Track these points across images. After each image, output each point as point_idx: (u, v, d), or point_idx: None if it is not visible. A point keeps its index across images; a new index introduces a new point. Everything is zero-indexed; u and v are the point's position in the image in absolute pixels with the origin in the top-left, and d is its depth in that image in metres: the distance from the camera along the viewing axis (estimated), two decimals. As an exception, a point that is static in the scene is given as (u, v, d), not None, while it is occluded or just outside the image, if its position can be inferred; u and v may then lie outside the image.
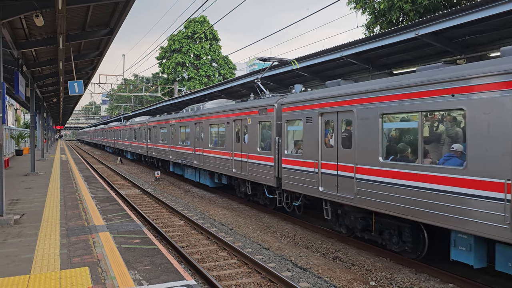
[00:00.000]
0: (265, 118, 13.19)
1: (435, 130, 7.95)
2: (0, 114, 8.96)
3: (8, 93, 24.98)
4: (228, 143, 15.78)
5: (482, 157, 6.59)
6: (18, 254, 6.81)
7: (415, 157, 7.99)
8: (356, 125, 9.26)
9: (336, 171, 9.93)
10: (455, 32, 10.88)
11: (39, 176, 18.33)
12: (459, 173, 6.95)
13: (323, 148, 10.49)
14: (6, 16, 8.94)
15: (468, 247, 7.15)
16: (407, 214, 7.96)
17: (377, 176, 8.66)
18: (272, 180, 12.67)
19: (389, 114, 8.57)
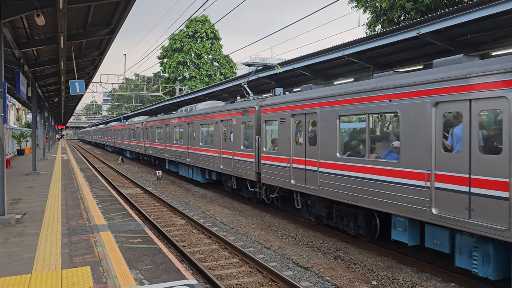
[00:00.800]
0: (247, 119, 14.50)
1: (379, 130, 9.41)
2: (2, 114, 8.96)
3: (10, 93, 25.02)
4: (217, 142, 17.08)
5: (410, 152, 7.95)
6: (20, 254, 6.81)
7: (364, 153, 9.30)
8: (320, 125, 10.60)
9: (304, 166, 11.23)
10: (456, 30, 10.85)
11: (41, 175, 18.34)
12: (395, 165, 8.31)
13: (294, 146, 11.74)
14: (7, 16, 8.93)
15: (404, 228, 8.44)
16: (359, 202, 9.24)
17: (335, 169, 9.99)
18: (253, 175, 13.93)
19: (345, 115, 9.94)
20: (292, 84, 19.54)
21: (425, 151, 7.59)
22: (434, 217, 7.41)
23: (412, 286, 7.71)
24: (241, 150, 14.90)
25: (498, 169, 6.37)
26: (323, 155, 10.43)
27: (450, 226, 7.18)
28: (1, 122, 9.01)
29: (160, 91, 47.71)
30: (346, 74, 16.37)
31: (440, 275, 8.06)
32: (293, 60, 16.38)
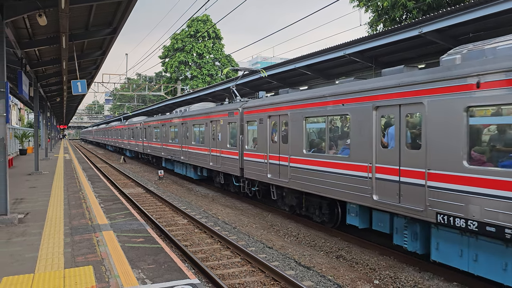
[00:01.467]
0: (232, 119, 15.89)
1: (336, 129, 10.89)
2: (4, 114, 8.99)
3: (12, 93, 25.08)
4: (207, 141, 18.50)
5: (357, 148, 9.39)
6: (23, 253, 6.83)
7: (325, 149, 10.79)
8: (290, 126, 11.94)
9: (279, 161, 12.61)
10: (458, 29, 10.83)
11: (43, 175, 18.38)
12: (347, 160, 9.75)
13: (270, 144, 13.13)
14: (9, 16, 8.96)
15: (356, 213, 9.91)
16: (322, 192, 10.67)
17: (302, 164, 11.43)
18: (237, 170, 15.36)
19: (310, 117, 11.28)
20: (294, 83, 19.54)
21: (368, 148, 9.06)
22: (375, 202, 8.89)
23: (414, 285, 7.70)
24: (227, 148, 16.30)
25: (419, 162, 7.83)
26: (293, 151, 11.90)
27: (386, 209, 8.65)
28: (4, 122, 9.03)
29: (162, 91, 47.74)
30: (348, 73, 16.37)
31: (443, 274, 8.05)
32: (294, 59, 16.38)
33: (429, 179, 7.61)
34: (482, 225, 6.67)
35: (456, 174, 7.14)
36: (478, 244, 7.09)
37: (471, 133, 7.01)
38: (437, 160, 7.49)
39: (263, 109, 13.53)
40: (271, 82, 19.73)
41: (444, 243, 7.70)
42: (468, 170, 6.92)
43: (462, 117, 7.01)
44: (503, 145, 6.77)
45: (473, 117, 6.99)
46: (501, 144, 6.82)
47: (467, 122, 7.00)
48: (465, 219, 6.95)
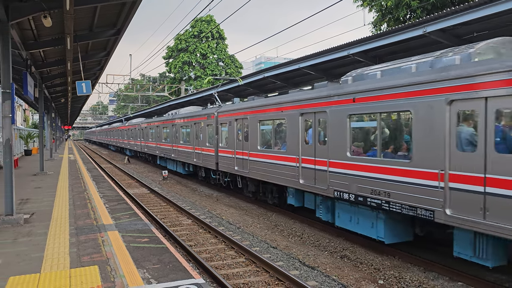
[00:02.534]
0: (210, 122, 18.58)
1: (279, 130, 13.27)
2: (10, 115, 9.05)
3: (17, 94, 25.18)
4: (191, 140, 21.32)
5: (291, 145, 12.12)
6: (29, 253, 6.88)
7: (272, 146, 13.49)
8: (249, 127, 14.68)
9: (242, 156, 15.24)
10: (463, 28, 10.79)
11: (48, 175, 18.48)
12: (284, 153, 12.44)
13: (237, 142, 15.74)
14: (14, 17, 9.01)
15: (292, 195, 12.71)
16: (271, 180, 13.30)
17: (258, 158, 14.15)
18: (214, 165, 18.08)
19: (262, 120, 14.01)
20: (298, 84, 19.54)
21: (297, 144, 11.78)
22: (300, 185, 11.62)
23: (419, 285, 7.69)
24: (207, 146, 19.07)
25: (324, 153, 10.58)
26: (251, 148, 14.59)
27: (308, 190, 11.39)
28: (9, 123, 9.09)
29: (165, 91, 47.85)
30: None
31: (447, 274, 8.04)
32: (298, 59, 16.38)
33: (329, 166, 10.39)
34: (357, 197, 9.45)
35: (343, 162, 10.01)
36: (359, 211, 9.85)
37: (352, 133, 9.85)
38: (333, 152, 10.27)
39: (231, 113, 16.38)
40: (275, 82, 19.73)
41: (342, 212, 10.48)
42: (350, 159, 9.74)
43: (346, 122, 9.81)
44: (368, 140, 9.77)
45: (352, 122, 9.83)
46: (367, 140, 9.85)
47: (349, 126, 9.82)
48: (348, 193, 9.74)
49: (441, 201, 7.38)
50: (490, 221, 6.55)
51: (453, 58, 7.78)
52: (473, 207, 6.86)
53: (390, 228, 9.14)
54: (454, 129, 7.23)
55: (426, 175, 7.69)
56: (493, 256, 7.08)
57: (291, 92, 13.54)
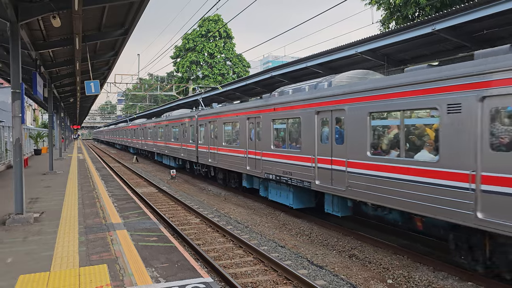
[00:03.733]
0: (192, 123, 22.65)
1: (235, 131, 16.69)
2: (20, 114, 9.12)
3: (27, 94, 25.41)
4: (180, 138, 25.43)
5: (241, 141, 15.61)
6: (39, 252, 6.93)
7: (234, 142, 16.88)
8: (218, 128, 18.47)
9: (215, 151, 18.86)
10: (472, 26, 10.70)
11: (58, 175, 18.62)
12: (237, 147, 16.18)
13: (210, 139, 19.52)
14: (24, 18, 9.08)
15: (246, 179, 16.35)
16: (233, 169, 16.81)
17: (223, 152, 17.83)
18: (195, 158, 22.07)
19: (226, 122, 17.63)
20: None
21: (244, 140, 15.45)
22: (247, 171, 15.31)
23: (428, 285, 7.63)
24: (189, 143, 23.13)
25: (259, 147, 14.30)
26: (219, 144, 18.29)
27: (252, 174, 15.05)
28: (19, 123, 9.16)
29: (173, 91, 47.96)
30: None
31: (457, 274, 7.97)
32: (306, 58, 16.35)
33: (262, 156, 14.08)
34: (276, 176, 13.21)
35: (269, 152, 13.78)
36: (280, 187, 13.57)
37: (275, 132, 13.58)
38: (264, 146, 13.92)
39: (206, 116, 20.31)
40: (283, 81, 19.70)
41: (271, 189, 14.21)
42: (272, 150, 13.49)
43: (271, 124, 13.55)
44: (281, 137, 13.38)
45: (274, 124, 13.48)
46: (282, 137, 13.33)
47: (273, 127, 13.53)
48: (272, 175, 13.45)
49: (312, 175, 11.39)
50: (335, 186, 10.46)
51: (323, 84, 11.48)
52: (326, 179, 10.84)
53: (297, 197, 12.88)
54: (320, 130, 11.16)
55: (306, 159, 11.66)
56: (342, 210, 11.02)
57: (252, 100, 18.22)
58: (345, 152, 10.00)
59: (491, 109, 6.73)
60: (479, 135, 6.87)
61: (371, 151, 9.32)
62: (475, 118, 6.93)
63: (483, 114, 6.82)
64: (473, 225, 6.98)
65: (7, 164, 21.44)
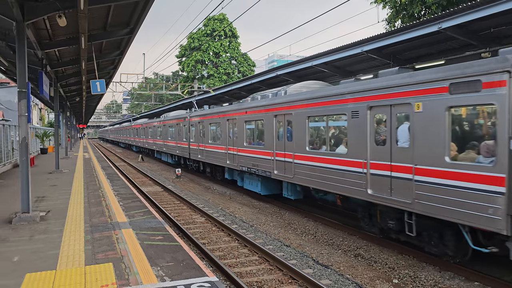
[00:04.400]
0: (185, 123, 25.75)
1: (218, 130, 19.50)
2: (26, 113, 9.16)
3: (33, 93, 25.57)
4: (175, 137, 28.44)
5: (220, 139, 18.69)
6: (45, 250, 6.96)
7: (215, 139, 19.68)
8: (205, 127, 21.26)
9: (203, 148, 21.62)
10: (479, 24, 10.61)
11: (64, 174, 18.71)
12: (220, 144, 18.80)
13: (198, 137, 22.49)
14: (30, 17, 9.12)
15: (227, 172, 18.96)
16: (216, 163, 19.59)
17: (208, 148, 20.55)
18: (187, 154, 24.91)
19: (212, 123, 20.35)
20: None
21: (225, 139, 18.09)
22: (227, 164, 17.98)
23: (434, 285, 7.59)
24: (183, 141, 26.03)
25: (231, 143, 17.51)
26: (206, 142, 21.02)
27: (231, 167, 17.76)
28: (26, 122, 9.21)
29: (179, 90, 48.04)
30: (366, 70, 16.20)
31: (464, 274, 7.92)
32: (311, 57, 16.30)
33: (238, 151, 16.75)
34: (248, 168, 15.72)
35: (242, 148, 16.37)
36: (251, 177, 16.23)
37: (247, 131, 16.22)
38: (239, 142, 16.62)
39: (196, 118, 23.13)
40: (288, 80, 19.66)
41: (246, 179, 16.90)
42: (245, 146, 16.08)
43: (244, 125, 16.21)
44: (251, 136, 16.18)
45: (247, 125, 16.19)
46: (251, 135, 16.13)
47: (245, 127, 16.27)
48: (245, 167, 16.01)
49: (272, 167, 13.95)
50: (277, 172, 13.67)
51: (281, 92, 13.89)
52: (281, 169, 13.44)
53: (264, 186, 15.49)
54: (277, 130, 13.81)
55: (268, 153, 14.24)
56: (294, 194, 13.74)
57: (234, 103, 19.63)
58: (293, 147, 12.71)
59: (374, 116, 9.35)
60: (368, 134, 9.40)
61: (309, 146, 12.01)
62: (366, 122, 9.46)
63: (370, 119, 9.42)
64: (365, 198, 9.56)
65: (14, 163, 21.57)
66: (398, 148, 8.62)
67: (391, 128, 8.83)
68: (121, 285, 5.40)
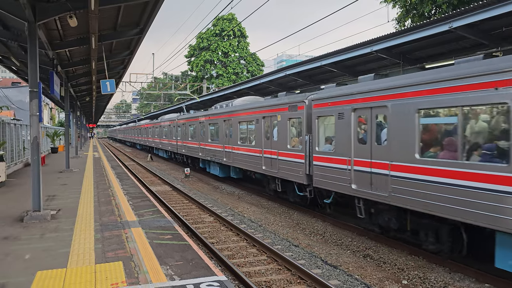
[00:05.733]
0: (175, 124, 31.20)
1: (196, 129, 24.73)
2: (37, 113, 9.26)
3: (44, 93, 25.81)
4: (169, 136, 33.90)
5: (197, 137, 24.75)
6: (55, 248, 7.03)
7: (193, 138, 25.49)
8: (186, 128, 27.23)
9: (186, 144, 27.19)
10: (491, 23, 10.49)
11: (74, 173, 18.87)
12: (193, 140, 25.95)
13: (183, 136, 27.64)
14: (41, 18, 9.22)
15: (201, 162, 24.68)
16: (194, 155, 25.55)
17: (189, 144, 26.62)
18: (176, 150, 30.82)
19: (191, 124, 26.41)
20: (320, 81, 19.39)
21: (199, 136, 24.15)
22: (199, 156, 24.08)
23: (444, 286, 7.53)
24: (172, 139, 31.97)
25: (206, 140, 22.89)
26: (186, 139, 26.50)
27: (203, 158, 23.56)
28: (37, 121, 9.31)
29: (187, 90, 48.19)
30: (375, 70, 16.11)
31: (474, 275, 7.84)
32: (320, 57, 16.24)
33: (204, 145, 22.84)
34: (211, 157, 21.68)
35: (207, 143, 22.38)
36: (214, 164, 21.67)
37: (211, 131, 22.08)
38: (205, 139, 22.25)
39: (181, 120, 29.09)
40: (297, 80, 19.63)
41: (211, 166, 22.11)
42: (209, 142, 22.20)
43: (208, 126, 22.35)
44: (215, 134, 21.36)
45: (210, 126, 22.13)
46: (215, 133, 21.41)
47: (209, 128, 22.11)
48: (209, 157, 21.81)
49: (222, 155, 19.35)
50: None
51: (229, 103, 18.23)
52: (228, 157, 18.99)
53: (221, 170, 20.87)
54: (226, 130, 19.47)
55: (221, 146, 19.80)
56: (237, 174, 19.56)
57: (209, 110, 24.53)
58: (233, 142, 18.48)
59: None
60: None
61: (240, 141, 17.86)
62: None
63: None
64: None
65: (25, 162, 21.81)
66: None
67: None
68: (131, 284, 5.44)
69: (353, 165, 10.25)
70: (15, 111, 34.24)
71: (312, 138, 12.22)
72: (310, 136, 12.35)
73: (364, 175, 9.84)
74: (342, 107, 10.73)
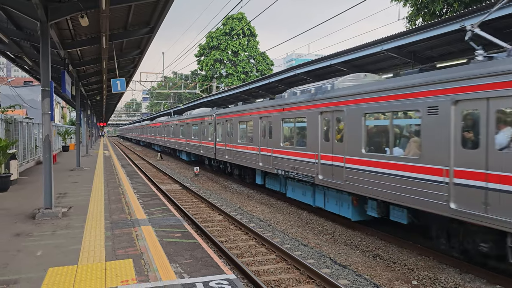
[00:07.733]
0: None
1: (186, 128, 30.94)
2: (49, 112, 9.36)
3: (56, 92, 26.06)
4: (168, 134, 38.55)
5: (187, 135, 30.86)
6: (67, 245, 7.11)
7: (185, 135, 31.30)
8: (181, 128, 33.07)
9: (181, 141, 33.03)
10: (504, 22, 10.37)
11: (84, 171, 19.04)
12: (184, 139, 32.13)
13: (181, 134, 32.82)
14: (53, 18, 9.32)
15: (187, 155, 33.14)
16: (185, 150, 31.64)
17: (182, 141, 32.42)
18: (175, 146, 35.43)
19: (184, 125, 31.82)
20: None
21: (188, 135, 30.46)
22: (186, 150, 31.16)
23: (455, 287, 7.47)
24: (171, 137, 36.99)
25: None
26: (182, 137, 32.31)
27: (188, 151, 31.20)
28: (49, 120, 9.41)
29: (197, 89, 48.34)
30: (386, 69, 16.01)
31: (485, 276, 7.77)
32: (330, 56, 16.19)
33: (189, 142, 29.60)
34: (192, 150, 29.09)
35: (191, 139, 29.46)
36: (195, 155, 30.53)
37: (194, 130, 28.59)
38: (189, 136, 29.48)
39: (179, 121, 33.49)
40: (307, 79, 19.59)
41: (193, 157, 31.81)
42: (192, 139, 28.90)
43: (192, 126, 29.01)
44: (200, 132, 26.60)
45: (193, 126, 29.04)
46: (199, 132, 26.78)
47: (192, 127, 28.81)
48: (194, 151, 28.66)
49: (199, 149, 26.32)
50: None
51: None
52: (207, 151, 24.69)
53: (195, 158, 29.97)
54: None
55: (202, 142, 25.45)
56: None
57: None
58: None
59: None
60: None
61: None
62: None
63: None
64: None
65: (37, 160, 22.06)
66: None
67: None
68: (141, 281, 5.48)
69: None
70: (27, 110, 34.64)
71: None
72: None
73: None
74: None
